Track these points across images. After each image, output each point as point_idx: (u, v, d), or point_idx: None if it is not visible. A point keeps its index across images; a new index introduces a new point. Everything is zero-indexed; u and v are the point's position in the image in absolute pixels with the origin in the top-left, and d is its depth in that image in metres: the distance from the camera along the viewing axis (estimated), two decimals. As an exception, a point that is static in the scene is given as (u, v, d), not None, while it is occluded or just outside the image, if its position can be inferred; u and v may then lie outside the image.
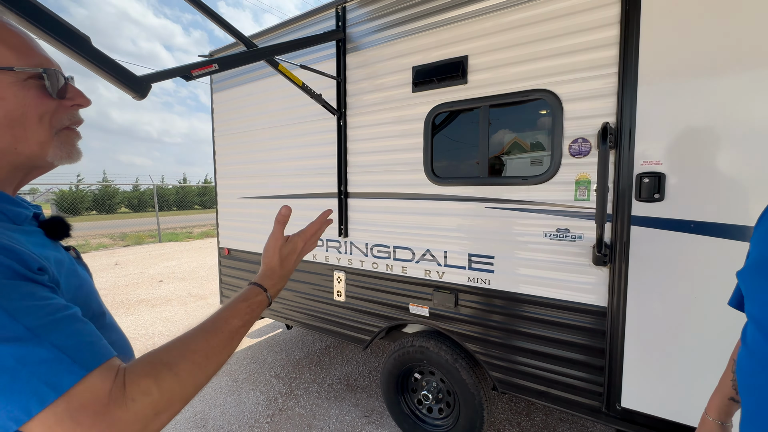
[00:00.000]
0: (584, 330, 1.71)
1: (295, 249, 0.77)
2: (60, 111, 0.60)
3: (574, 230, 1.69)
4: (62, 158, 0.61)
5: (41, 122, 0.58)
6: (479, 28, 1.87)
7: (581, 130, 1.66)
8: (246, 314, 0.65)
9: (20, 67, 0.55)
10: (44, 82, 0.57)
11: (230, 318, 0.62)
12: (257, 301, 0.68)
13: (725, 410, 0.81)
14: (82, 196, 18.78)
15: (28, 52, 0.58)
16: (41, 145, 0.58)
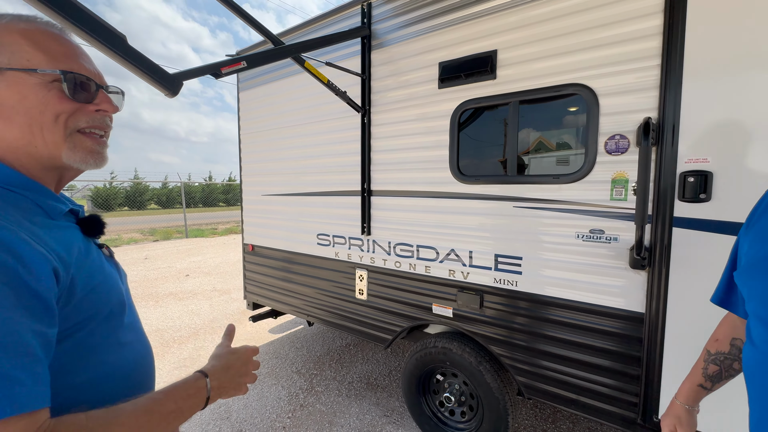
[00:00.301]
0: (618, 336, 1.63)
1: (237, 357, 0.77)
2: (79, 113, 0.62)
3: (609, 231, 1.61)
4: (78, 162, 0.63)
5: (56, 122, 0.60)
6: (509, 21, 1.81)
7: (618, 126, 1.58)
8: (181, 399, 0.61)
9: (43, 69, 0.58)
10: (63, 84, 0.59)
11: (165, 400, 0.59)
12: (196, 386, 0.65)
13: (693, 396, 0.91)
14: (115, 192, 19.68)
15: (62, 58, 0.60)
16: (56, 145, 0.60)
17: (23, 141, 0.58)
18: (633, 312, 1.58)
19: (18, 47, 0.57)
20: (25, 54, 0.57)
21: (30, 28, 0.59)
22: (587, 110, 1.65)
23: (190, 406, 0.62)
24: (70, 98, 0.60)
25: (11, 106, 0.56)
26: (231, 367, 0.74)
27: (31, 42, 0.58)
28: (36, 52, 0.58)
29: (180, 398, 0.61)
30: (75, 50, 0.63)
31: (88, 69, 0.63)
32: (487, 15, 1.87)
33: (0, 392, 0.43)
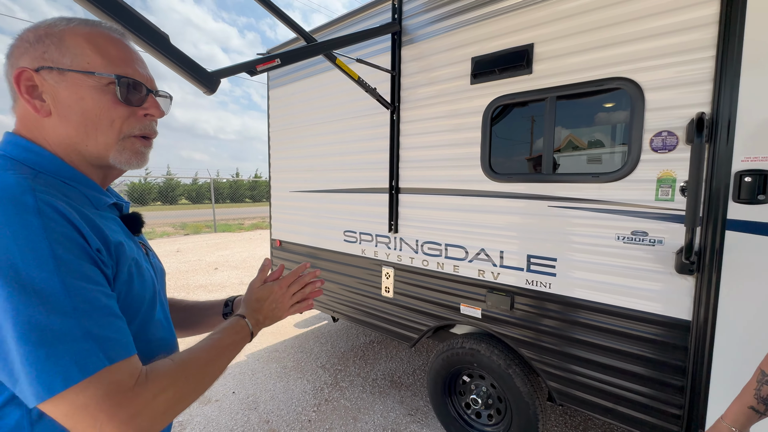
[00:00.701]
0: (660, 344, 1.54)
1: (270, 292, 0.83)
2: (132, 119, 0.65)
3: (653, 233, 1.52)
4: (122, 162, 0.66)
5: (111, 126, 0.63)
6: (547, 14, 1.74)
7: (666, 122, 1.49)
8: (232, 336, 0.71)
9: (100, 72, 0.60)
10: (116, 88, 0.62)
11: (221, 337, 0.69)
12: (241, 326, 0.74)
13: (743, 419, 0.81)
14: (149, 187, 20.58)
15: (118, 62, 0.63)
16: (106, 146, 0.63)
17: (76, 139, 0.61)
18: (678, 319, 1.49)
19: (80, 50, 0.60)
20: (85, 57, 0.60)
21: (93, 32, 0.62)
22: (631, 106, 1.56)
23: (240, 339, 0.73)
24: (122, 102, 0.63)
25: (69, 106, 0.59)
26: (263, 303, 0.81)
27: (93, 46, 0.61)
28: (95, 55, 0.61)
29: (230, 335, 0.71)
30: (131, 55, 0.66)
31: (141, 74, 0.66)
32: (524, 8, 1.81)
33: (107, 341, 0.50)
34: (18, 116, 0.62)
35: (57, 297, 0.47)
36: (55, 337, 0.46)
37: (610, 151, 1.77)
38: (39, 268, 0.47)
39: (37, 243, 0.48)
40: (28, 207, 0.49)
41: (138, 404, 0.50)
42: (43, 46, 0.59)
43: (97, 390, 0.47)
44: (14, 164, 0.57)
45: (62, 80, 0.59)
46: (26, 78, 0.58)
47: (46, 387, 0.45)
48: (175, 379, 0.56)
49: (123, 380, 0.50)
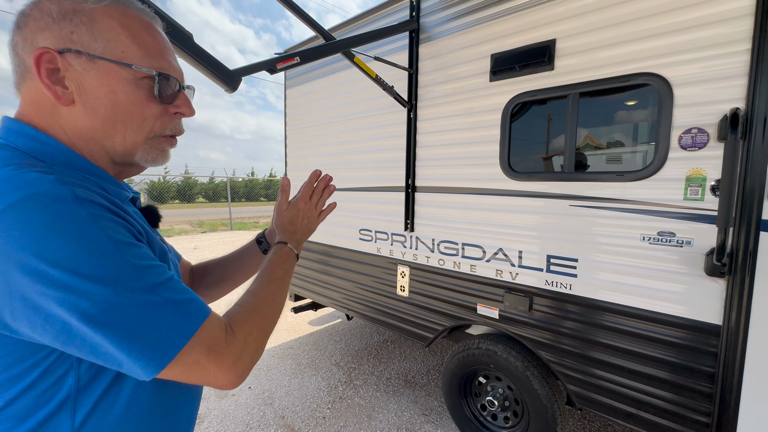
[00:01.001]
0: (687, 349, 1.49)
1: (297, 210, 0.83)
2: (164, 118, 0.61)
3: (681, 234, 1.47)
4: (148, 161, 0.63)
5: (143, 125, 0.58)
6: (570, 8, 1.70)
7: (696, 118, 1.43)
8: (283, 264, 0.74)
9: (138, 66, 0.55)
10: (154, 84, 0.57)
11: (274, 271, 0.72)
12: (285, 252, 0.77)
13: None
14: (168, 186, 21.09)
15: (155, 54, 0.58)
16: (135, 145, 0.59)
17: (101, 133, 0.56)
18: (707, 323, 1.44)
19: (114, 35, 0.54)
20: (120, 45, 0.54)
21: (127, 15, 0.56)
22: (658, 102, 1.51)
23: (290, 265, 0.76)
24: (157, 99, 0.58)
25: (97, 97, 0.54)
26: (295, 222, 0.83)
27: (129, 33, 0.55)
28: (132, 44, 0.55)
29: (281, 265, 0.74)
30: (166, 45, 0.61)
31: (175, 67, 0.61)
32: (545, 3, 1.77)
33: (189, 305, 0.53)
34: (27, 99, 0.55)
35: (134, 278, 0.48)
36: (148, 314, 0.48)
37: (635, 149, 1.72)
38: (107, 257, 0.46)
39: (93, 233, 0.46)
40: (68, 199, 0.45)
41: (236, 350, 0.54)
42: (71, 25, 0.51)
43: (201, 347, 0.50)
44: (23, 156, 0.50)
45: (92, 68, 0.53)
46: (48, 60, 0.51)
47: (160, 357, 0.48)
48: (254, 321, 0.60)
49: (216, 334, 0.53)
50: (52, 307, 0.44)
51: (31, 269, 0.42)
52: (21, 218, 0.43)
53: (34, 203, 0.43)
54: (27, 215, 0.43)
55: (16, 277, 0.43)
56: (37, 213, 0.43)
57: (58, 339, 0.45)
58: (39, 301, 0.43)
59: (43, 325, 0.44)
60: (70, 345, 0.46)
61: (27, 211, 0.43)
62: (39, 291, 0.43)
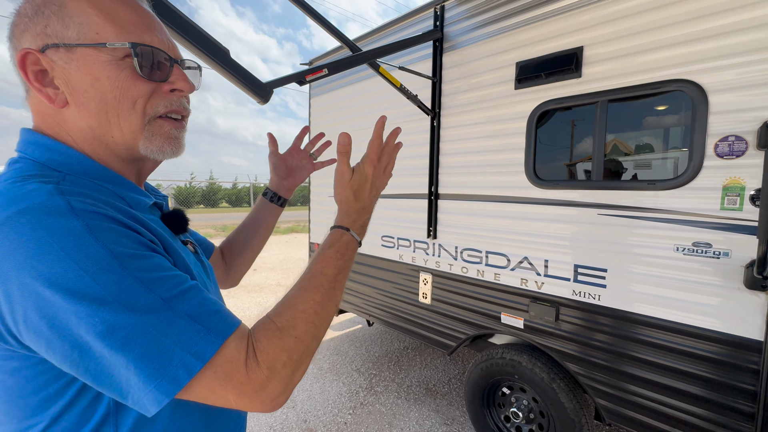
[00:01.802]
0: (726, 365, 1.42)
1: (365, 177, 0.67)
2: (156, 97, 0.54)
3: (717, 245, 1.42)
4: (154, 151, 0.55)
5: (134, 108, 0.52)
6: (598, 15, 1.69)
7: (733, 125, 1.39)
8: (338, 260, 0.60)
9: (112, 42, 0.49)
10: (134, 60, 0.51)
11: (324, 269, 0.58)
12: (344, 243, 0.62)
13: None
14: (194, 191, 21.84)
15: (132, 28, 0.51)
16: (133, 134, 0.53)
17: (99, 130, 0.51)
18: (747, 339, 1.38)
19: (86, 18, 0.48)
20: (93, 26, 0.49)
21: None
22: (692, 109, 1.47)
23: (349, 259, 0.62)
24: (143, 77, 0.52)
25: (84, 90, 0.49)
26: (362, 197, 0.67)
27: (99, 10, 0.49)
28: (104, 22, 0.49)
29: (336, 260, 0.60)
30: (147, 18, 0.54)
31: (161, 40, 0.54)
32: (572, 10, 1.77)
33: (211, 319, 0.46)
34: (33, 110, 0.53)
35: (140, 295, 0.43)
36: (155, 335, 0.42)
37: (667, 156, 1.67)
38: (106, 273, 0.41)
39: (90, 247, 0.41)
40: (63, 211, 0.42)
41: (259, 378, 0.45)
42: (43, 19, 0.47)
43: (215, 374, 0.44)
44: (35, 167, 0.48)
45: (72, 59, 0.48)
46: (32, 62, 0.48)
47: (171, 383, 0.42)
48: (284, 343, 0.49)
49: (235, 358, 0.45)
50: (49, 330, 0.40)
51: (29, 290, 0.40)
52: (14, 235, 0.40)
53: (26, 218, 0.40)
54: (19, 231, 0.40)
55: (17, 298, 0.40)
56: (29, 229, 0.40)
57: (64, 363, 0.42)
58: (39, 323, 0.40)
59: (47, 348, 0.42)
60: (75, 370, 0.42)
61: (19, 227, 0.40)
62: (38, 313, 0.40)
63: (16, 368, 0.45)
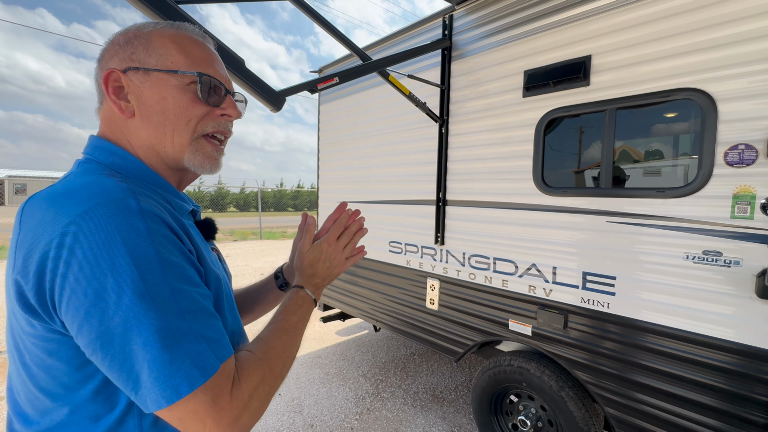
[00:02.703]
0: (739, 375, 1.41)
1: (320, 252, 0.76)
2: (207, 118, 0.63)
3: (728, 254, 1.41)
4: (196, 166, 0.64)
5: (187, 126, 0.62)
6: (607, 25, 1.70)
7: (742, 134, 1.39)
8: (297, 309, 0.69)
9: (183, 71, 0.60)
10: (197, 86, 0.61)
11: (287, 316, 0.67)
12: (300, 297, 0.71)
13: None
14: (202, 196, 22.09)
15: (200, 62, 0.62)
16: (182, 147, 0.62)
17: (155, 140, 0.60)
18: (759, 348, 1.36)
19: (166, 50, 0.60)
20: (170, 57, 0.60)
21: (178, 34, 0.63)
22: (702, 117, 1.48)
23: (305, 311, 0.71)
24: (202, 101, 0.62)
25: (150, 106, 0.59)
26: (316, 266, 0.75)
27: (177, 46, 0.61)
28: (179, 55, 0.61)
29: (295, 312, 0.69)
30: (212, 56, 0.66)
31: (220, 74, 0.66)
32: (580, 20, 1.79)
33: (216, 342, 0.51)
34: (102, 118, 0.63)
35: (168, 301, 0.48)
36: (175, 341, 0.47)
37: (676, 164, 1.67)
38: (151, 273, 0.47)
39: (145, 247, 0.48)
40: (133, 210, 0.49)
41: (238, 406, 0.50)
42: (132, 48, 0.59)
43: (205, 395, 0.47)
44: (102, 168, 0.57)
45: (147, 80, 0.59)
46: (114, 79, 0.58)
47: (172, 391, 0.45)
48: (262, 372, 0.56)
49: (223, 384, 0.49)
50: (86, 314, 0.45)
51: (87, 272, 0.45)
52: (91, 224, 0.46)
53: (104, 210, 0.47)
54: (96, 222, 0.47)
55: (72, 276, 0.46)
56: (104, 220, 0.47)
57: (88, 347, 0.47)
58: (80, 304, 0.45)
59: (78, 331, 0.47)
60: (94, 356, 0.47)
61: (97, 217, 0.47)
62: (84, 294, 0.45)
63: (55, 350, 0.50)
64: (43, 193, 0.52)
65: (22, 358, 0.53)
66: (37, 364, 0.52)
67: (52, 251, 0.46)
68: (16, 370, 0.55)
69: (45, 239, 0.47)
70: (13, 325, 0.54)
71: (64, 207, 0.48)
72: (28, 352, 0.52)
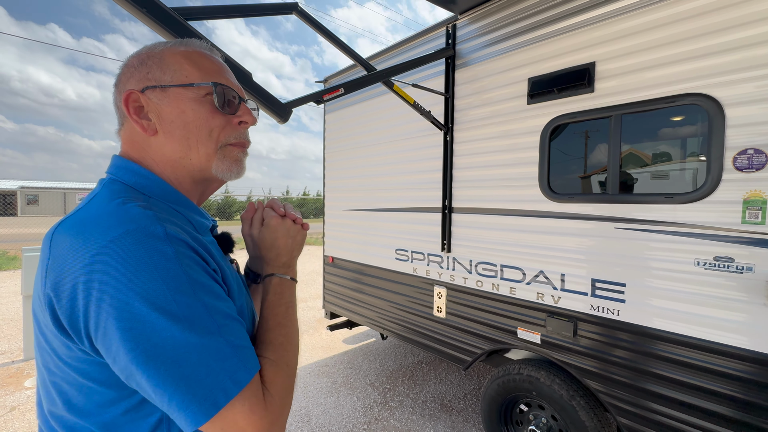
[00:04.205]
0: (754, 384, 1.38)
1: (273, 229, 0.73)
2: (228, 128, 0.65)
3: (740, 260, 1.39)
4: (224, 172, 0.66)
5: (210, 136, 0.63)
6: (611, 32, 1.71)
7: (751, 138, 1.38)
8: (281, 299, 0.69)
9: (198, 83, 0.62)
10: (213, 96, 0.63)
11: (274, 310, 0.68)
12: (276, 285, 0.71)
13: None
14: (209, 204, 22.31)
15: (212, 73, 0.65)
16: (208, 156, 0.64)
17: (180, 154, 0.62)
18: (775, 357, 1.34)
19: (179, 66, 0.62)
20: (184, 71, 0.62)
21: (189, 50, 0.65)
22: (709, 122, 1.47)
23: (289, 296, 0.71)
24: (219, 111, 0.64)
25: (171, 121, 0.61)
26: (276, 245, 0.73)
27: (190, 61, 0.63)
28: (192, 69, 0.63)
29: (279, 302, 0.69)
30: (223, 67, 0.68)
31: (232, 83, 0.68)
32: (584, 27, 1.79)
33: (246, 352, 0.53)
34: (124, 139, 0.64)
35: (203, 319, 0.50)
36: (209, 355, 0.49)
37: (684, 169, 1.66)
38: (183, 294, 0.49)
39: (175, 271, 0.50)
40: (160, 236, 0.51)
41: (274, 411, 0.53)
42: (146, 68, 0.61)
43: (244, 404, 0.49)
44: (127, 190, 0.58)
45: (165, 97, 0.61)
46: (133, 99, 0.60)
47: (211, 405, 0.47)
48: (285, 373, 0.59)
49: (258, 392, 0.52)
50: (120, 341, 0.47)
51: (119, 299, 0.47)
52: (120, 251, 0.48)
53: (133, 238, 0.49)
54: (126, 249, 0.48)
55: (106, 305, 0.47)
56: (134, 248, 0.48)
57: (122, 373, 0.48)
58: (114, 334, 0.47)
59: (114, 360, 0.48)
60: (130, 380, 0.49)
61: (126, 245, 0.48)
62: (118, 323, 0.46)
63: (90, 371, 0.52)
64: (72, 220, 0.54)
65: (52, 377, 0.54)
66: (70, 383, 0.53)
67: (82, 280, 0.48)
68: (44, 388, 0.56)
69: (76, 268, 0.48)
70: (42, 346, 0.55)
71: (92, 235, 0.50)
72: (60, 371, 0.53)
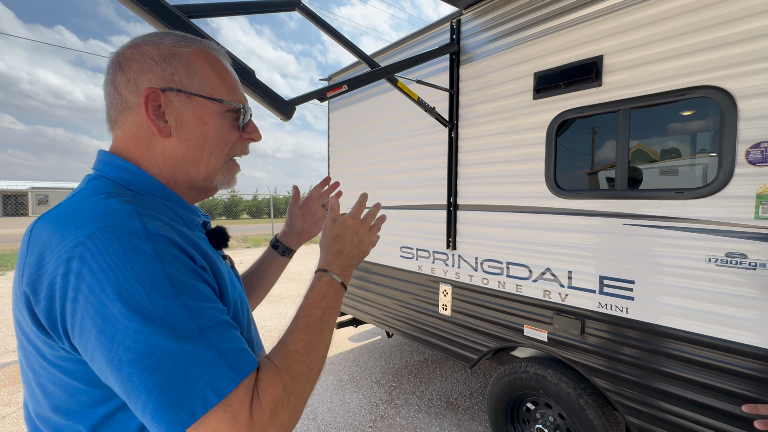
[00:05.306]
0: (765, 382, 1.35)
1: (346, 226, 0.73)
2: (238, 143, 0.66)
3: (753, 256, 1.36)
4: (224, 183, 0.68)
5: (223, 150, 0.64)
6: (618, 24, 1.67)
7: (765, 132, 1.34)
8: (320, 301, 0.65)
9: (228, 101, 0.62)
10: (240, 116, 0.64)
11: (309, 311, 0.63)
12: (324, 284, 0.67)
13: None
14: (215, 203, 22.47)
15: (236, 90, 0.66)
16: (216, 168, 0.64)
17: (190, 160, 0.61)
18: (790, 355, 1.30)
19: (206, 75, 0.61)
20: (210, 83, 0.61)
21: (211, 57, 0.63)
22: (721, 115, 1.44)
23: (332, 300, 0.66)
24: (238, 129, 0.65)
25: (191, 129, 0.60)
26: (343, 240, 0.72)
27: (215, 72, 0.62)
28: (219, 82, 0.62)
29: (319, 303, 0.64)
30: (237, 80, 0.67)
31: (246, 98, 0.68)
32: (591, 20, 1.76)
33: (235, 356, 0.49)
34: (127, 133, 0.60)
35: (182, 322, 0.46)
36: (188, 360, 0.45)
37: (694, 164, 1.63)
38: (160, 295, 0.46)
39: (153, 269, 0.46)
40: (138, 232, 0.48)
41: (261, 423, 0.47)
42: (171, 67, 0.59)
43: (225, 413, 0.45)
44: (113, 186, 0.56)
45: (189, 103, 0.59)
46: (153, 98, 0.57)
47: (187, 414, 0.43)
48: (283, 384, 0.52)
49: (244, 399, 0.47)
50: (96, 339, 0.44)
51: (95, 297, 0.44)
52: (96, 248, 0.45)
53: (110, 234, 0.46)
54: (101, 245, 0.46)
55: (82, 302, 0.45)
56: (109, 244, 0.46)
57: (101, 373, 0.46)
58: (91, 331, 0.44)
59: (91, 357, 0.46)
60: (108, 381, 0.46)
61: (102, 241, 0.46)
62: (94, 321, 0.44)
63: (73, 370, 0.49)
64: (50, 215, 0.51)
65: (37, 377, 0.53)
66: (55, 383, 0.51)
67: (59, 278, 0.46)
68: (29, 390, 0.54)
69: (52, 265, 0.46)
70: (25, 346, 0.53)
71: (69, 231, 0.47)
72: (45, 371, 0.51)
